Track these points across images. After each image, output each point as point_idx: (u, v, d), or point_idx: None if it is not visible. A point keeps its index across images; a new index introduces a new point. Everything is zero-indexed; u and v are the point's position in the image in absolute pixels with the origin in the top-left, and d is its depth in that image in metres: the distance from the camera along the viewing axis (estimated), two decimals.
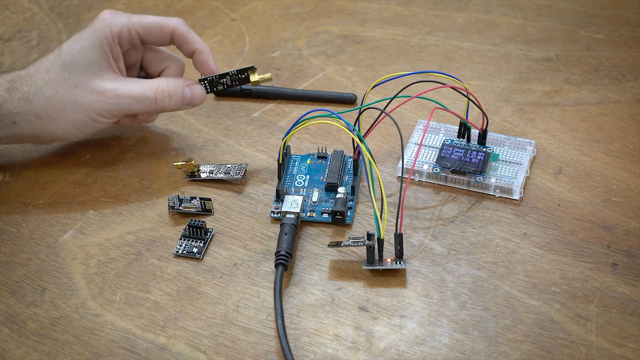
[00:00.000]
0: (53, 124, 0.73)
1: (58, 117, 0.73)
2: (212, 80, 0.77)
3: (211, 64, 0.77)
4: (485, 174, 0.74)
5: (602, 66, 0.88)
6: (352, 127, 0.70)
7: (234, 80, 0.77)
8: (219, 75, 0.77)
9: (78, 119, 0.73)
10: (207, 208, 0.73)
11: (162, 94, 0.74)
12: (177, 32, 0.75)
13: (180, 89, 0.75)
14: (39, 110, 0.72)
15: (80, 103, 0.72)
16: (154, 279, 0.68)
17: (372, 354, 0.62)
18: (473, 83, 0.87)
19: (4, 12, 0.99)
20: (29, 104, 0.72)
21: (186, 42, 0.76)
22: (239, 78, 0.77)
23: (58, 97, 0.72)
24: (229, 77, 0.77)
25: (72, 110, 0.73)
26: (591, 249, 0.69)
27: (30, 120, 0.73)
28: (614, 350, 0.62)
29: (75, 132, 0.74)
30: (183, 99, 0.75)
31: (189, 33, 0.76)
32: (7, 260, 0.70)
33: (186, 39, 0.76)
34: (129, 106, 0.73)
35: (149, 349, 0.63)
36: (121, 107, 0.73)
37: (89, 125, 0.74)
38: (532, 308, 0.65)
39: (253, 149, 0.80)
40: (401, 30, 0.95)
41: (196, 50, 0.76)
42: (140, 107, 0.74)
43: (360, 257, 0.69)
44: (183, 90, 0.75)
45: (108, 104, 0.73)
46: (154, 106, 0.74)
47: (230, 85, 0.77)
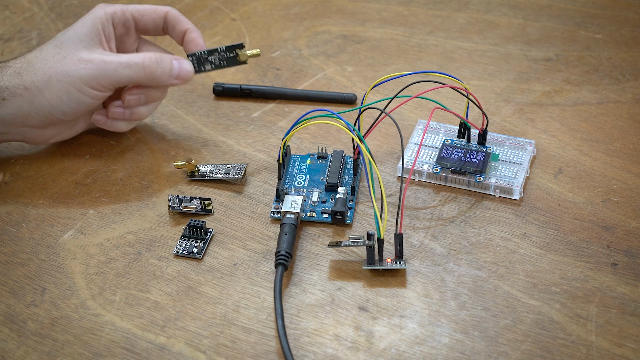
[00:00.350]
0: (39, 96, 0.72)
1: (45, 87, 0.72)
2: (200, 57, 0.77)
3: (201, 41, 0.78)
4: (485, 174, 0.74)
5: (602, 66, 0.88)
6: (352, 127, 0.70)
7: (222, 60, 0.77)
8: (208, 52, 0.77)
9: (64, 88, 0.72)
10: (207, 208, 0.73)
11: (150, 60, 0.74)
12: (170, 14, 0.78)
13: (168, 59, 0.75)
14: (27, 82, 0.72)
15: (66, 71, 0.72)
16: (154, 279, 0.68)
17: (372, 354, 0.62)
18: (473, 83, 0.87)
19: (4, 12, 0.99)
20: (18, 78, 0.72)
21: (178, 23, 0.78)
22: (228, 57, 0.77)
23: (46, 69, 0.72)
24: (217, 55, 0.77)
25: (59, 79, 0.72)
26: (591, 249, 0.69)
27: (18, 94, 0.72)
28: (614, 350, 0.62)
29: (62, 105, 0.73)
30: (171, 69, 0.75)
31: (181, 16, 0.78)
32: (7, 260, 0.70)
33: (179, 20, 0.78)
34: (116, 72, 0.73)
35: (149, 349, 0.63)
36: (107, 74, 0.72)
37: (76, 98, 0.73)
38: (532, 308, 0.65)
39: (253, 149, 0.80)
40: (401, 30, 0.95)
41: (187, 30, 0.77)
42: (127, 74, 0.73)
43: (360, 257, 0.69)
44: (171, 61, 0.75)
45: (94, 69, 0.72)
46: (142, 73, 0.73)
47: (218, 65, 0.77)
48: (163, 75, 0.75)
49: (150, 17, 0.77)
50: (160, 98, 0.78)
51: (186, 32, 0.78)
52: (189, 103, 0.86)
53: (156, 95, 0.77)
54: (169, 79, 0.75)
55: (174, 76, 0.75)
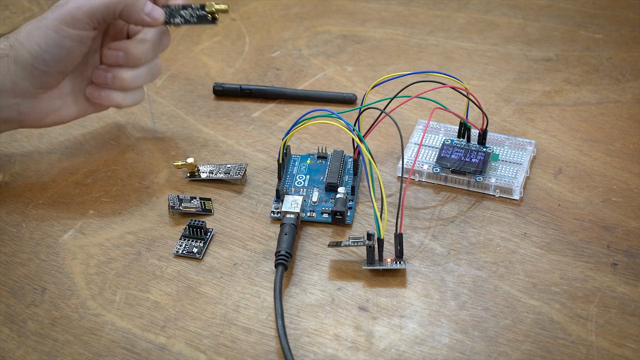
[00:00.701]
0: (22, 50, 0.71)
1: (25, 40, 0.72)
2: (173, 10, 0.75)
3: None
4: (485, 174, 0.74)
5: (602, 66, 0.88)
6: (352, 127, 0.70)
7: (193, 16, 0.76)
8: (182, 6, 0.76)
9: (42, 34, 0.71)
10: (207, 208, 0.73)
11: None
12: None
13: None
14: (11, 40, 0.72)
15: (43, 17, 0.72)
16: (154, 279, 0.68)
17: (372, 354, 0.62)
18: (473, 83, 0.87)
19: (4, 12, 0.99)
20: (6, 40, 0.72)
21: None
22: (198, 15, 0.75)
23: (28, 26, 0.72)
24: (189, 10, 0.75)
25: (36, 26, 0.72)
26: (591, 249, 0.69)
27: (4, 55, 0.72)
28: (614, 350, 0.62)
29: (42, 53, 0.71)
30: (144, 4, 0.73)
31: None
32: (7, 260, 0.70)
33: None
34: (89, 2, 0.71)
35: (149, 349, 0.63)
36: (82, 6, 0.71)
37: (54, 41, 0.71)
38: (532, 308, 0.65)
39: (253, 149, 0.80)
40: (401, 30, 0.95)
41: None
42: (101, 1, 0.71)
43: (360, 257, 0.69)
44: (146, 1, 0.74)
45: (67, 4, 0.71)
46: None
47: (187, 20, 0.75)
48: (136, 5, 0.73)
49: None
50: (140, 59, 0.76)
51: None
52: (189, 103, 0.86)
53: (135, 53, 0.75)
54: (141, 13, 0.73)
55: (146, 12, 0.74)
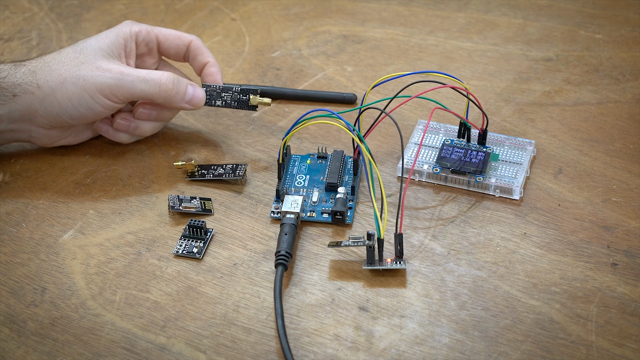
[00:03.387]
0: (51, 96, 0.73)
1: (58, 88, 0.72)
2: (214, 91, 0.79)
3: (218, 77, 0.79)
4: (485, 174, 0.74)
5: (602, 66, 0.88)
6: (352, 127, 0.70)
7: (234, 100, 0.79)
8: (222, 88, 0.79)
9: (77, 92, 0.73)
10: (207, 208, 0.73)
11: (168, 79, 0.75)
12: (194, 44, 0.79)
13: (184, 82, 0.76)
14: (40, 81, 0.73)
15: (82, 76, 0.73)
16: (154, 279, 0.68)
17: (372, 354, 0.62)
18: (473, 83, 0.87)
19: (4, 12, 0.99)
20: (32, 76, 0.73)
21: (200, 54, 0.79)
22: (239, 99, 0.79)
23: (62, 71, 0.73)
24: (230, 93, 0.79)
25: (73, 82, 0.73)
26: (591, 249, 0.69)
27: (30, 92, 0.72)
28: (614, 350, 0.62)
29: (71, 109, 0.73)
30: (185, 92, 0.76)
31: (204, 47, 0.79)
32: (7, 260, 0.70)
33: (201, 51, 0.79)
34: (132, 85, 0.73)
35: (149, 349, 0.63)
36: (123, 85, 0.73)
37: (87, 104, 0.73)
38: (532, 308, 0.65)
39: (253, 149, 0.80)
40: (401, 30, 0.95)
41: (208, 62, 0.79)
42: (142, 88, 0.74)
43: (360, 257, 0.69)
44: (187, 85, 0.77)
45: (111, 79, 0.73)
46: (157, 90, 0.74)
47: (228, 103, 0.79)
48: (177, 96, 0.76)
49: (174, 42, 0.79)
50: (168, 120, 0.80)
51: (206, 64, 0.79)
52: None
53: (166, 116, 0.79)
54: (181, 102, 0.76)
55: (187, 100, 0.77)
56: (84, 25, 0.96)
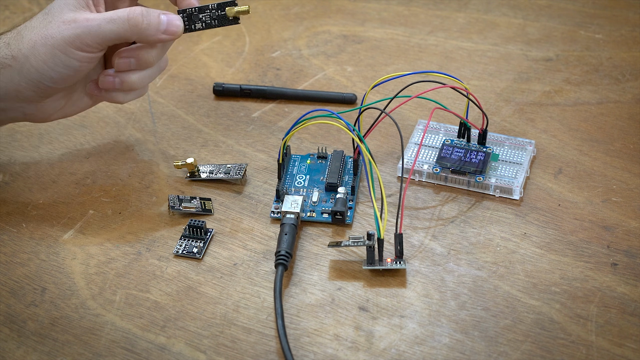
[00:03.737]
0: (26, 63, 0.70)
1: (30, 53, 0.70)
2: (191, 15, 0.74)
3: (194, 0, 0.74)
4: (485, 174, 0.74)
5: (602, 66, 0.88)
6: (352, 127, 0.70)
7: (213, 18, 0.74)
8: (199, 9, 0.74)
9: (48, 52, 0.70)
10: (207, 208, 0.73)
11: (135, 13, 0.71)
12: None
13: (155, 13, 0.72)
14: (14, 51, 0.70)
15: (50, 34, 0.70)
16: (154, 279, 0.68)
17: (372, 354, 0.62)
18: (473, 83, 0.87)
19: (4, 12, 0.99)
20: (7, 48, 0.71)
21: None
22: (219, 15, 0.74)
23: (32, 35, 0.70)
24: (208, 12, 0.74)
25: (43, 43, 0.70)
26: (591, 249, 0.69)
27: (7, 65, 0.70)
28: (614, 350, 0.62)
29: (48, 71, 0.71)
30: (158, 23, 0.72)
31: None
32: (7, 260, 0.70)
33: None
34: (99, 28, 0.70)
35: (149, 349, 0.63)
36: (90, 31, 0.70)
37: (62, 61, 0.70)
38: (532, 308, 0.65)
39: (253, 149, 0.80)
40: (401, 30, 0.95)
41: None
42: (112, 29, 0.70)
43: (360, 257, 0.69)
44: (159, 15, 0.72)
45: (76, 28, 0.70)
46: (126, 26, 0.70)
47: (209, 23, 0.74)
48: (150, 28, 0.71)
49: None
50: (151, 63, 0.75)
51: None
52: (189, 103, 0.86)
53: (146, 59, 0.74)
54: (157, 32, 0.72)
55: (162, 30, 0.72)
56: None
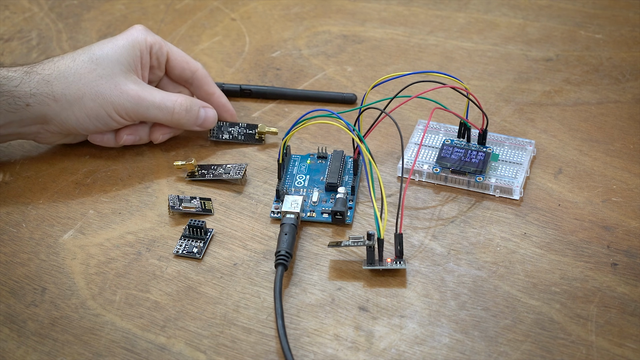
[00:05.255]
0: (68, 110, 0.73)
1: (76, 103, 0.73)
2: (222, 126, 0.80)
3: (229, 105, 0.80)
4: (485, 174, 0.74)
5: (602, 66, 0.88)
6: (352, 127, 0.70)
7: (241, 134, 0.80)
8: (230, 123, 0.81)
9: (95, 109, 0.73)
10: (207, 208, 0.73)
11: (181, 106, 0.76)
12: (200, 72, 0.79)
13: (197, 107, 0.77)
14: (57, 93, 0.72)
15: (102, 94, 0.73)
16: (154, 279, 0.68)
17: (372, 354, 0.62)
18: (473, 83, 0.87)
19: (4, 12, 0.99)
20: (48, 86, 0.72)
21: (205, 84, 0.79)
22: (247, 133, 0.80)
23: (80, 84, 0.72)
24: (237, 128, 0.80)
25: (92, 99, 0.73)
26: (591, 249, 0.69)
27: (45, 103, 0.72)
28: (614, 350, 0.62)
29: (86, 124, 0.74)
30: (197, 118, 0.77)
31: (209, 77, 0.80)
32: (7, 260, 0.70)
33: (206, 80, 0.79)
34: (147, 111, 0.74)
35: (149, 349, 0.63)
36: (139, 110, 0.74)
37: (102, 121, 0.74)
38: (532, 308, 0.65)
39: (253, 149, 0.80)
40: (401, 30, 0.95)
41: (214, 93, 0.80)
42: (156, 115, 0.75)
43: (360, 257, 0.69)
44: (199, 109, 0.77)
45: (128, 102, 0.74)
46: (169, 117, 0.76)
47: (235, 137, 0.80)
48: (188, 122, 0.77)
49: (181, 65, 0.79)
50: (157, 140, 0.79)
51: (213, 95, 0.79)
52: None
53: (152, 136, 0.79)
54: (193, 126, 0.78)
55: (198, 124, 0.78)
56: (84, 25, 0.96)
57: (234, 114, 0.81)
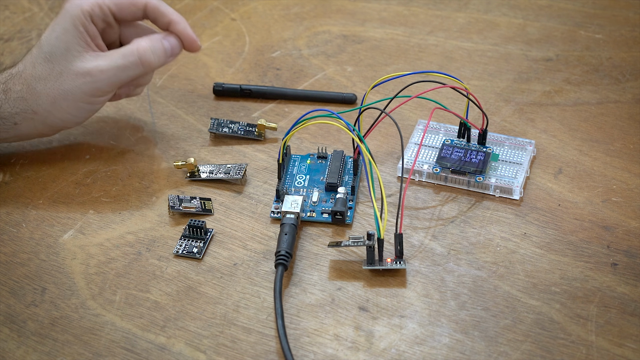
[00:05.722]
0: (50, 117, 0.73)
1: (52, 108, 0.73)
2: (221, 121, 0.81)
3: (189, 32, 0.76)
4: (485, 174, 0.74)
5: (602, 66, 0.88)
6: (352, 127, 0.70)
7: (240, 129, 0.81)
8: (230, 120, 0.81)
9: (72, 105, 0.73)
10: (207, 208, 0.73)
11: (145, 52, 0.73)
12: (150, 4, 0.75)
13: (159, 43, 0.74)
14: (34, 106, 0.73)
15: (69, 90, 0.72)
16: (154, 279, 0.68)
17: (372, 354, 0.62)
18: (473, 83, 0.87)
19: (4, 12, 0.99)
20: (24, 103, 0.73)
21: (160, 15, 0.75)
22: (247, 130, 0.81)
23: (48, 90, 0.72)
24: (238, 125, 0.81)
25: (63, 98, 0.73)
26: (591, 249, 0.69)
27: (29, 118, 0.73)
28: (614, 350, 0.62)
29: (73, 118, 0.75)
30: (164, 51, 0.75)
31: (161, 5, 0.75)
32: (7, 260, 0.70)
33: (160, 11, 0.75)
34: (116, 77, 0.73)
35: (149, 349, 0.63)
36: (110, 81, 0.73)
37: (86, 109, 0.74)
38: (532, 308, 0.65)
39: (253, 149, 0.80)
40: (401, 30, 0.95)
41: (171, 21, 0.76)
42: (128, 74, 0.73)
43: (360, 257, 0.69)
44: (162, 44, 0.75)
45: (95, 82, 0.73)
46: (140, 68, 0.74)
47: (235, 132, 0.80)
48: (159, 61, 0.75)
49: (130, 10, 0.75)
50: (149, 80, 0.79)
51: (170, 23, 0.75)
52: (189, 103, 0.86)
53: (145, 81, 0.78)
54: (165, 61, 0.75)
55: (169, 56, 0.75)
56: None
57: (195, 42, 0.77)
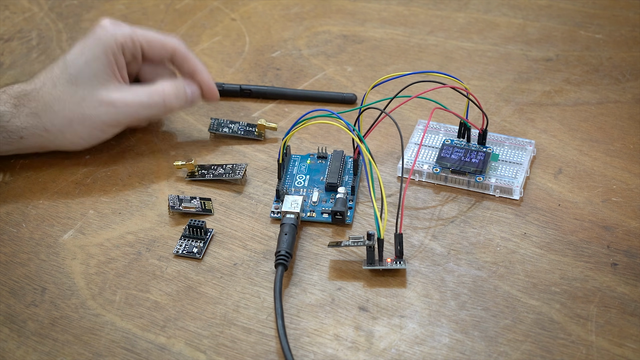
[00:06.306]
0: (60, 137, 0.74)
1: (66, 130, 0.74)
2: (222, 121, 0.81)
3: (211, 83, 0.79)
4: (485, 174, 0.74)
5: (602, 66, 0.88)
6: (352, 127, 0.70)
7: (240, 129, 0.81)
8: (230, 120, 0.81)
9: (86, 131, 0.74)
10: (207, 208, 0.73)
11: (170, 95, 0.76)
12: (179, 51, 0.77)
13: (182, 88, 0.77)
14: (47, 125, 0.73)
15: (88, 115, 0.73)
16: (154, 279, 0.68)
17: (372, 354, 0.62)
18: (473, 83, 0.87)
19: (4, 12, 0.99)
20: (37, 119, 0.73)
21: (186, 62, 0.78)
22: (247, 130, 0.81)
23: (67, 112, 0.73)
24: (238, 125, 0.81)
25: (80, 122, 0.74)
26: (591, 249, 0.69)
27: (38, 134, 0.74)
28: (614, 350, 0.62)
29: (81, 142, 0.76)
30: (186, 98, 0.77)
31: (189, 54, 0.78)
32: (7, 260, 0.70)
33: (186, 59, 0.78)
34: (137, 113, 0.75)
35: (149, 349, 0.63)
36: (130, 115, 0.75)
37: (97, 136, 0.76)
38: (532, 308, 0.65)
39: (253, 149, 0.80)
40: (401, 30, 0.95)
41: (195, 71, 0.78)
42: (148, 112, 0.76)
43: (360, 257, 0.69)
44: (185, 90, 0.77)
45: (117, 113, 0.74)
46: (162, 110, 0.76)
47: (235, 132, 0.81)
48: (180, 105, 0.77)
49: (158, 50, 0.77)
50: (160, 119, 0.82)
51: (195, 72, 0.78)
52: None
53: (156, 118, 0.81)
54: (184, 107, 0.78)
55: (189, 102, 0.78)
56: (84, 25, 0.96)
57: (215, 93, 0.79)
